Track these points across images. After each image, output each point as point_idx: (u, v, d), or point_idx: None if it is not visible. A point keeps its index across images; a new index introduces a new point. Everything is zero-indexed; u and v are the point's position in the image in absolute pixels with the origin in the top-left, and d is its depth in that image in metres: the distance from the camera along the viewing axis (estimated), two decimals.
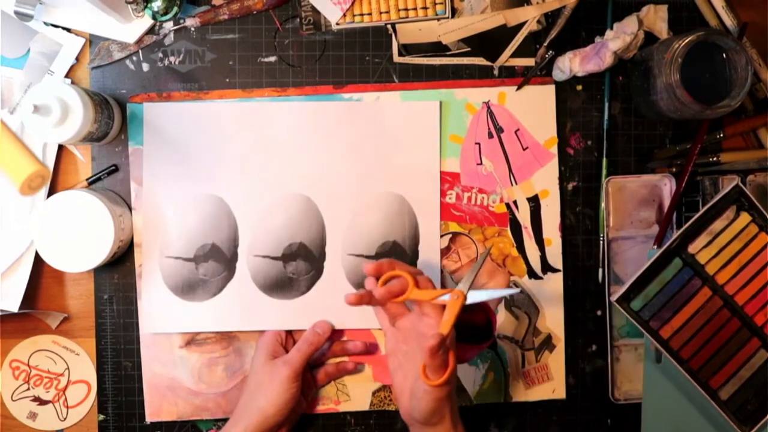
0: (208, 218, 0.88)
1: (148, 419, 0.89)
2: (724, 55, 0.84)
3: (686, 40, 0.81)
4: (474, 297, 0.76)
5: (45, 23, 0.87)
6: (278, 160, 0.89)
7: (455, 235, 0.90)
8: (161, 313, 0.88)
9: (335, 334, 0.89)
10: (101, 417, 0.89)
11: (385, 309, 0.79)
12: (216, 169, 0.88)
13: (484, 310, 0.90)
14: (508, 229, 0.91)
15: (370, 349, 0.90)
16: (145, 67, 0.89)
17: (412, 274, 0.77)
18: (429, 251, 0.89)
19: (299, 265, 0.89)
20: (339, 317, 0.89)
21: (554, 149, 0.91)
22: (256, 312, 0.89)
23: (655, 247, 0.89)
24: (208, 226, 0.88)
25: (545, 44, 0.89)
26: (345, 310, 0.88)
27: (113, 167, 0.89)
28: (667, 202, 0.90)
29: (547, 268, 0.91)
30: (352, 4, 0.88)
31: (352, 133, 0.89)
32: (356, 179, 0.89)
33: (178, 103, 0.88)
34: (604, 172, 0.91)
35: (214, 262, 0.88)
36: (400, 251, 0.89)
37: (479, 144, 0.90)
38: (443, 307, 0.75)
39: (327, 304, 0.89)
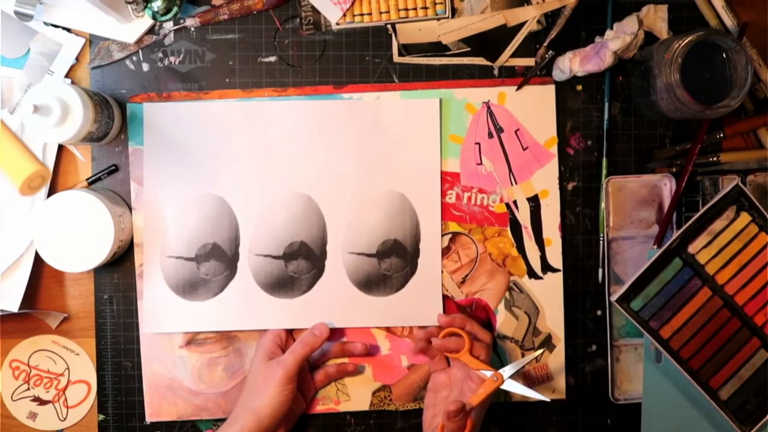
0: (209, 218, 0.88)
1: (148, 419, 0.89)
2: (724, 55, 0.84)
3: (686, 40, 0.81)
4: (510, 385, 0.83)
5: (45, 23, 0.87)
6: (278, 160, 0.89)
7: (455, 235, 0.90)
8: (163, 313, 0.88)
9: (335, 334, 0.89)
10: (101, 417, 0.89)
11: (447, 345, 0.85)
12: (216, 168, 0.88)
13: (484, 309, 0.90)
14: (508, 229, 0.91)
15: (371, 350, 0.90)
16: (145, 67, 0.89)
17: (471, 339, 0.84)
18: (430, 249, 0.89)
19: (300, 264, 0.89)
20: (340, 316, 0.89)
21: (554, 149, 0.91)
22: (257, 311, 0.89)
23: (655, 247, 0.89)
24: (209, 226, 0.88)
25: (545, 44, 0.89)
26: (346, 308, 0.89)
27: (113, 167, 0.89)
28: (667, 202, 0.91)
29: (547, 268, 0.91)
30: (352, 4, 0.88)
31: (353, 132, 0.89)
32: (357, 178, 0.89)
33: (178, 103, 0.88)
34: (604, 172, 0.91)
35: (216, 262, 0.88)
36: (401, 249, 0.89)
37: (479, 144, 0.90)
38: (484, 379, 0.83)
39: (328, 302, 0.89)
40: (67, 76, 0.88)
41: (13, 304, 0.87)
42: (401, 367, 0.90)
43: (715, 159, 0.89)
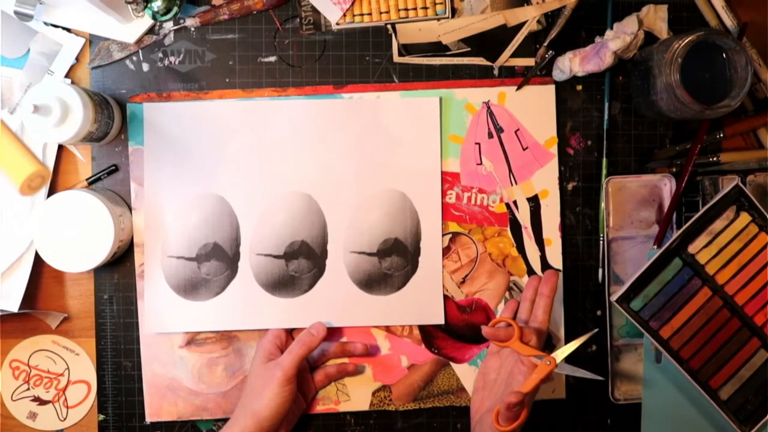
0: (210, 217, 0.88)
1: (148, 419, 0.89)
2: (724, 55, 0.84)
3: (686, 40, 0.81)
4: (563, 368, 0.83)
5: (45, 23, 0.87)
6: (279, 159, 0.89)
7: (455, 235, 0.90)
8: (164, 314, 0.88)
9: (335, 334, 0.89)
10: (101, 417, 0.89)
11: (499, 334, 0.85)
12: (217, 168, 0.88)
13: (484, 309, 0.90)
14: (508, 229, 0.91)
15: (371, 350, 0.90)
16: (145, 67, 0.89)
17: (521, 327, 0.83)
18: (431, 247, 0.89)
19: (301, 264, 0.89)
20: (341, 315, 0.89)
21: (554, 149, 0.91)
22: (258, 311, 0.89)
23: (655, 247, 0.89)
24: (209, 226, 0.88)
25: (545, 44, 0.89)
26: (347, 307, 0.89)
27: (113, 167, 0.89)
28: (667, 202, 0.91)
29: (547, 268, 0.91)
30: (352, 4, 0.88)
31: (353, 131, 0.89)
32: (357, 177, 0.89)
33: (178, 103, 0.88)
34: (604, 172, 0.91)
35: (217, 261, 0.88)
36: (402, 248, 0.89)
37: (479, 144, 0.90)
38: (535, 364, 0.82)
39: (329, 301, 0.89)
40: (67, 76, 0.88)
41: (13, 304, 0.87)
42: (401, 367, 0.90)
43: (715, 159, 0.89)
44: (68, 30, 0.88)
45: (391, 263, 0.89)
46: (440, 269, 0.90)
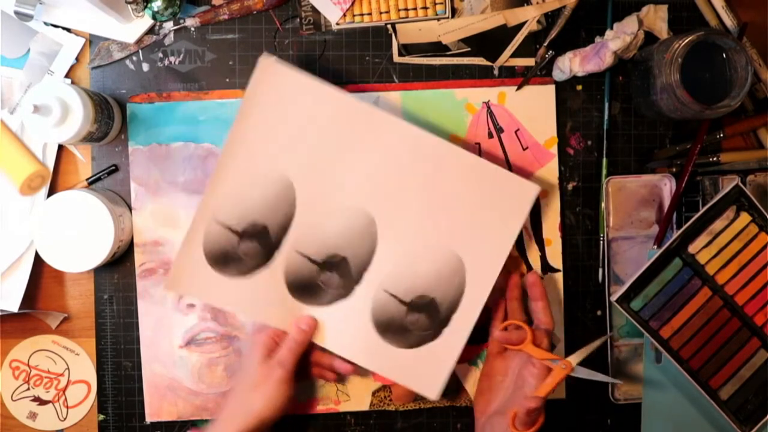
0: (271, 198, 0.84)
1: (148, 419, 0.89)
2: (724, 55, 0.84)
3: (686, 40, 0.81)
4: (579, 372, 0.83)
5: (45, 23, 0.87)
6: (359, 171, 0.84)
7: None
8: (188, 276, 0.84)
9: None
10: (101, 417, 0.90)
11: (501, 337, 0.85)
12: (300, 154, 0.84)
13: (484, 309, 0.90)
14: None
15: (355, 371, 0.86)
16: (145, 67, 0.89)
17: (532, 329, 0.83)
18: (461, 324, 0.84)
19: (333, 278, 0.85)
20: (345, 345, 0.85)
21: (554, 149, 0.91)
22: (272, 306, 0.85)
23: (655, 247, 0.89)
24: (266, 205, 0.84)
25: (545, 44, 0.89)
26: (354, 341, 0.85)
27: (113, 167, 0.89)
28: (667, 202, 0.91)
29: (547, 268, 0.91)
30: (352, 4, 0.89)
31: (442, 179, 0.84)
32: (424, 222, 0.84)
33: (302, 77, 0.83)
34: (604, 172, 0.91)
35: (257, 244, 0.84)
36: (434, 311, 0.84)
37: (479, 144, 0.90)
38: (548, 367, 0.82)
39: (340, 326, 0.85)
40: (67, 76, 0.88)
41: (13, 304, 0.87)
42: None
43: (715, 159, 0.89)
44: (68, 30, 0.88)
45: (417, 320, 0.84)
46: (459, 349, 0.84)
